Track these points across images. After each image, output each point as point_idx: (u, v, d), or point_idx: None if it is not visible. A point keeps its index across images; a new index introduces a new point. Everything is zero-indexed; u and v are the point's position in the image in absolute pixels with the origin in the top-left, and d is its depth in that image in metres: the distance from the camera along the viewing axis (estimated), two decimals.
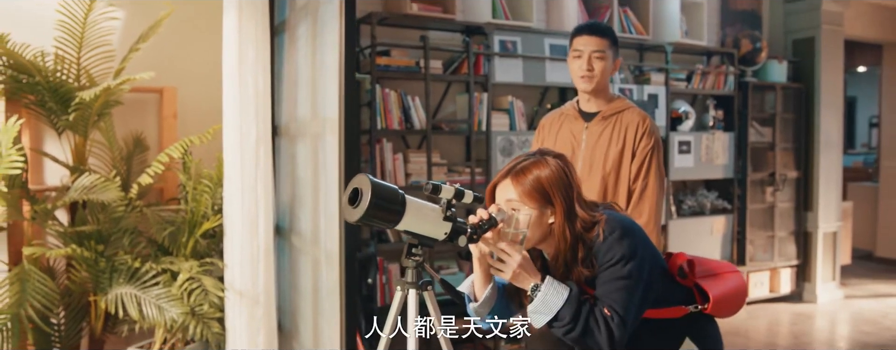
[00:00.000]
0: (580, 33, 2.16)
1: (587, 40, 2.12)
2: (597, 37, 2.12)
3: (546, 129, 2.30)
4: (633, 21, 4.42)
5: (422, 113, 3.65)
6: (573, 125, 2.21)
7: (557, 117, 2.28)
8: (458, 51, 3.79)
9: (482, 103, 3.79)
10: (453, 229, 1.35)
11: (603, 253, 1.46)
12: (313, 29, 2.42)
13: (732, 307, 1.67)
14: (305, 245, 2.62)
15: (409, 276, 1.40)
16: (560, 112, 2.30)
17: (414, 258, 1.38)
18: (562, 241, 1.48)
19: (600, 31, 2.14)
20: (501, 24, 3.87)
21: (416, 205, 1.32)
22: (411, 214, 1.29)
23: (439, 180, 1.38)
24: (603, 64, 2.12)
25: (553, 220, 1.50)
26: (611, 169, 2.14)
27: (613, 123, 2.17)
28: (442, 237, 1.35)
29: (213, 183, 2.83)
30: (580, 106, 2.23)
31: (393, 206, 1.27)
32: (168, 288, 2.62)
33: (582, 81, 2.14)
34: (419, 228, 1.33)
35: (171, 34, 3.06)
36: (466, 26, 3.84)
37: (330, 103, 2.23)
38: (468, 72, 3.75)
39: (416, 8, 3.63)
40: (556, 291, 1.45)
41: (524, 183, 1.48)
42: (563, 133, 2.22)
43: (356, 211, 1.25)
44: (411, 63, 3.63)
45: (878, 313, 4.99)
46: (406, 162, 3.63)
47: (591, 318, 1.43)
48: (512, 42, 3.91)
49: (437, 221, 1.34)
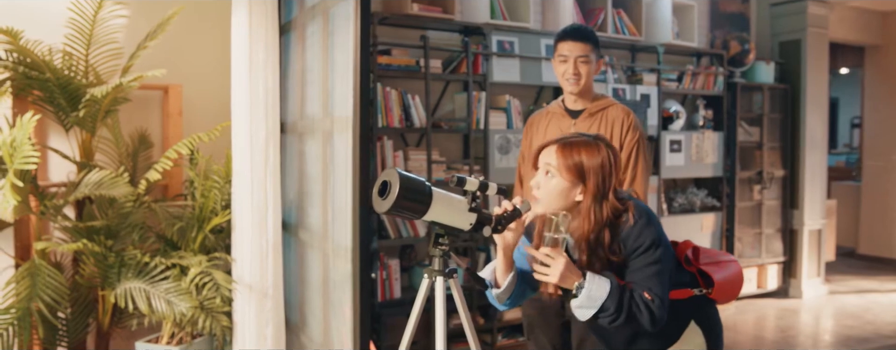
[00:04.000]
0: (565, 39, 2.26)
1: (572, 46, 2.22)
2: (581, 42, 2.23)
3: (534, 127, 2.39)
4: (627, 22, 4.51)
5: (421, 111, 3.71)
6: (561, 122, 2.30)
7: (545, 116, 2.37)
8: (457, 50, 3.86)
9: (480, 102, 3.87)
10: (478, 220, 1.43)
11: (633, 238, 1.54)
12: (325, 29, 2.48)
13: (732, 292, 1.77)
14: (315, 239, 2.68)
15: (436, 265, 1.47)
16: (547, 111, 2.39)
17: (441, 247, 1.45)
18: (587, 222, 1.54)
19: (584, 36, 2.24)
20: (499, 24, 3.95)
21: (443, 196, 1.39)
22: (438, 205, 1.36)
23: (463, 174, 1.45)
24: (588, 67, 2.24)
25: (581, 199, 1.56)
26: None
27: (599, 120, 2.28)
28: (467, 227, 1.42)
29: (221, 179, 2.88)
30: (566, 104, 2.33)
31: (420, 197, 1.34)
32: (177, 282, 2.66)
33: (569, 84, 2.26)
34: (445, 219, 1.40)
35: (177, 32, 3.10)
36: (465, 26, 3.91)
37: (341, 102, 2.28)
38: (467, 71, 3.82)
39: (417, 8, 3.69)
40: (598, 285, 1.51)
41: (568, 157, 1.55)
42: (551, 130, 2.31)
43: (385, 202, 1.32)
44: (412, 62, 3.70)
45: (861, 308, 5.14)
46: (406, 159, 3.69)
47: (633, 304, 1.51)
48: (509, 42, 3.98)
49: (462, 212, 1.41)
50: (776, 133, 5.41)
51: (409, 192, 1.32)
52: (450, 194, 1.42)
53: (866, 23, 6.54)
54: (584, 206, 1.55)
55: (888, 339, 4.35)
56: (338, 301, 2.42)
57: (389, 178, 1.33)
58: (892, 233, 6.72)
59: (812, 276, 5.52)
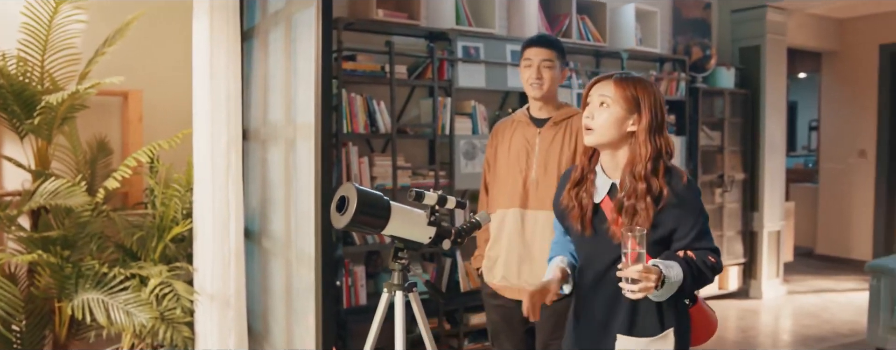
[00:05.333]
0: (530, 45, 2.31)
1: (536, 51, 2.27)
2: (545, 48, 2.27)
3: (499, 135, 2.41)
4: (591, 28, 4.57)
5: (387, 117, 3.71)
6: (526, 131, 2.33)
7: (510, 124, 2.40)
8: (423, 56, 3.86)
9: (446, 107, 3.88)
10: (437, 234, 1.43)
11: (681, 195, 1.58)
12: (287, 35, 2.46)
13: (701, 333, 1.76)
14: (277, 247, 2.66)
15: (395, 279, 1.47)
16: (512, 119, 2.42)
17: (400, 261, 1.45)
18: (643, 148, 1.60)
19: (548, 42, 2.30)
20: (465, 30, 3.96)
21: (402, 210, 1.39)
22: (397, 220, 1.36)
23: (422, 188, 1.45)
24: (551, 73, 2.27)
25: (635, 128, 1.62)
26: (565, 169, 2.26)
27: (564, 128, 2.30)
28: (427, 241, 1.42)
29: (182, 187, 2.84)
30: (531, 113, 2.36)
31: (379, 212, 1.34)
32: (137, 293, 2.61)
33: (532, 89, 2.28)
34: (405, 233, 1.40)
35: (137, 37, 3.05)
36: (430, 32, 3.91)
37: (304, 109, 2.27)
38: (432, 77, 3.83)
39: (382, 14, 3.69)
40: (673, 272, 1.52)
41: (625, 89, 1.62)
42: (516, 138, 2.33)
43: (343, 217, 1.32)
44: (377, 68, 3.69)
45: (818, 307, 5.27)
46: (371, 165, 3.68)
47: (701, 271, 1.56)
48: (475, 48, 4.00)
49: (421, 226, 1.41)
50: (737, 137, 5.52)
51: (367, 207, 1.32)
52: (409, 208, 1.42)
53: (823, 29, 6.72)
54: (639, 134, 1.61)
55: (845, 338, 4.47)
56: (301, 309, 2.40)
57: (347, 193, 1.33)
58: (849, 233, 6.91)
59: (771, 276, 5.65)
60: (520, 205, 2.26)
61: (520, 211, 2.26)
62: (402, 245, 1.44)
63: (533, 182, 2.26)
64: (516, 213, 2.25)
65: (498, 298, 2.29)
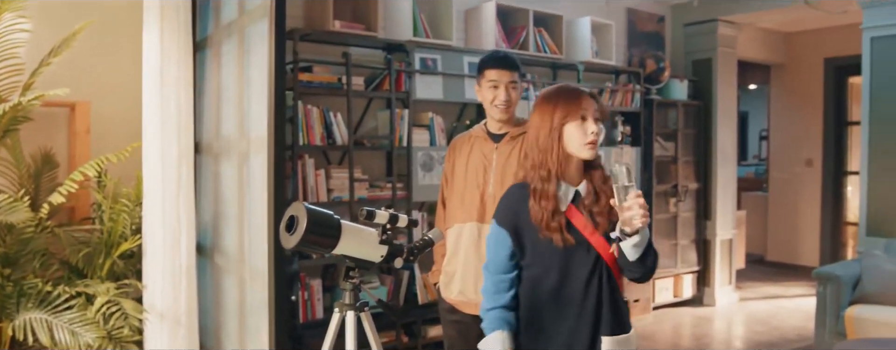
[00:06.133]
0: (494, 66, 2.28)
1: (501, 73, 2.26)
2: (509, 70, 2.26)
3: (457, 150, 2.41)
4: (548, 41, 4.62)
5: (344, 129, 3.68)
6: (483, 146, 2.33)
7: (467, 139, 2.40)
8: (380, 68, 3.85)
9: (403, 119, 3.87)
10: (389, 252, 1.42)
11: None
12: (241, 47, 2.43)
13: None
14: (230, 263, 2.60)
15: (346, 298, 1.45)
16: (469, 135, 2.42)
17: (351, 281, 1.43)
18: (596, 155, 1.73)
19: (512, 64, 2.29)
20: (422, 42, 3.97)
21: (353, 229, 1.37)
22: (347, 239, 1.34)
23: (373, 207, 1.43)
24: (516, 93, 2.29)
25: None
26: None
27: (521, 143, 2.28)
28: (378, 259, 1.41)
29: (131, 202, 2.76)
30: (488, 128, 2.36)
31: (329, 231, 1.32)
32: (83, 312, 2.53)
33: (498, 111, 2.28)
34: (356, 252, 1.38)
35: (85, 47, 2.96)
36: (388, 44, 3.91)
37: (257, 122, 2.24)
38: (389, 88, 3.82)
39: (339, 25, 3.67)
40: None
41: (599, 102, 1.73)
42: (474, 154, 2.33)
43: (293, 238, 1.29)
44: (333, 79, 3.67)
45: (769, 314, 5.40)
46: (328, 178, 3.65)
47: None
48: (432, 59, 4.01)
49: (373, 245, 1.40)
50: (690, 147, 5.64)
51: (317, 227, 1.30)
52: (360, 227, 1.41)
53: (771, 43, 6.94)
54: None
55: (793, 343, 4.59)
56: (255, 326, 2.36)
57: (296, 213, 1.31)
58: (797, 240, 7.11)
59: (724, 283, 5.77)
60: (477, 219, 2.25)
61: (477, 225, 2.25)
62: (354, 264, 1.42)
63: (490, 197, 2.26)
64: (473, 227, 2.25)
65: (455, 313, 2.28)
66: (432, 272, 2.42)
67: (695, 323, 5.21)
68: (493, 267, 1.75)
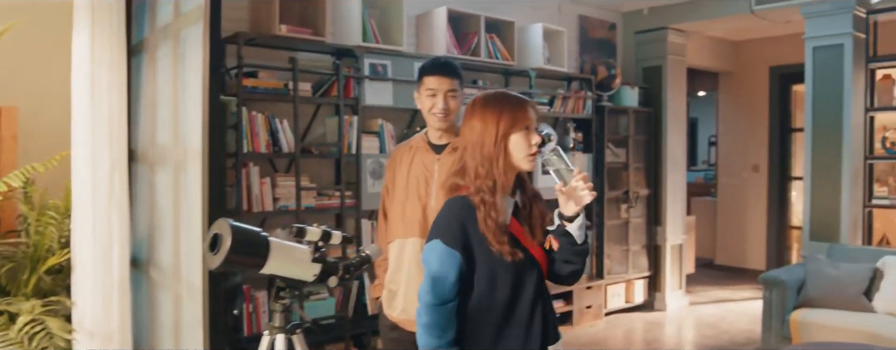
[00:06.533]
0: (433, 73, 2.20)
1: (440, 81, 2.18)
2: (450, 78, 2.18)
3: (398, 161, 2.32)
4: (500, 47, 4.60)
5: (290, 136, 3.58)
6: (425, 157, 2.25)
7: (408, 150, 2.31)
8: (328, 73, 3.76)
9: (352, 126, 3.79)
10: (323, 270, 1.34)
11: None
12: (176, 51, 2.32)
13: None
14: (166, 278, 2.48)
15: (276, 321, 1.37)
16: (410, 145, 2.33)
17: (281, 301, 1.35)
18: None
19: (452, 71, 2.20)
20: (372, 47, 3.90)
21: (283, 247, 1.29)
22: (277, 258, 1.26)
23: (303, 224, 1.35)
24: (456, 102, 2.20)
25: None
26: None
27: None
28: (311, 279, 1.33)
29: (59, 214, 2.61)
30: (430, 138, 2.28)
31: (256, 250, 1.24)
32: (4, 332, 2.37)
33: (436, 120, 2.21)
34: (286, 271, 1.30)
35: (12, 49, 2.80)
36: (337, 49, 3.83)
37: (193, 130, 2.14)
38: (338, 94, 3.73)
39: (285, 29, 3.57)
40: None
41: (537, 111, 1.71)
42: (415, 165, 2.25)
43: (216, 258, 1.21)
44: (279, 85, 3.57)
45: (717, 318, 5.48)
46: (274, 186, 3.54)
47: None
48: (382, 65, 3.94)
49: (305, 263, 1.32)
50: (641, 154, 5.69)
51: (242, 246, 1.21)
52: (291, 244, 1.33)
53: (720, 51, 7.08)
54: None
55: (741, 347, 4.66)
56: (191, 345, 2.24)
57: (220, 231, 1.22)
58: (744, 244, 7.26)
59: (675, 288, 5.84)
60: (419, 234, 2.17)
61: (419, 240, 2.17)
62: (284, 284, 1.34)
63: (433, 210, 2.18)
64: (416, 242, 2.17)
65: (396, 331, 2.20)
66: (374, 286, 2.34)
67: (646, 328, 5.24)
68: (437, 295, 1.57)
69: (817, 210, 4.77)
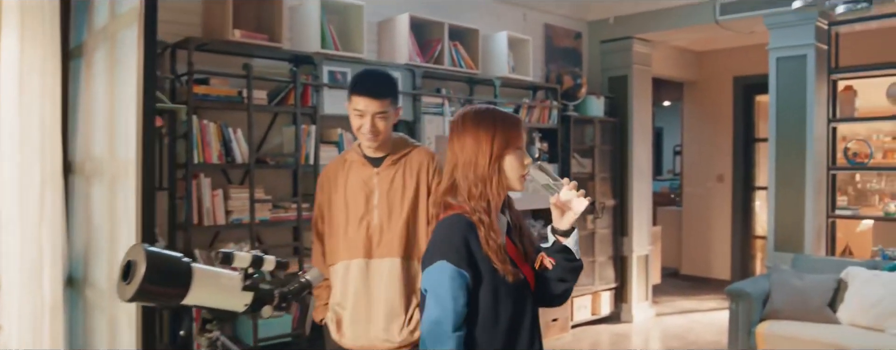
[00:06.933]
0: (360, 94, 2.03)
1: (368, 102, 2.01)
2: (379, 99, 2.02)
3: (332, 180, 2.16)
4: (463, 55, 4.50)
5: (244, 145, 3.42)
6: (362, 172, 2.12)
7: (341, 165, 2.17)
8: (285, 81, 3.62)
9: (310, 135, 3.65)
10: (256, 299, 1.21)
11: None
12: (112, 55, 2.16)
13: None
14: (101, 300, 2.31)
15: None
16: (343, 159, 2.18)
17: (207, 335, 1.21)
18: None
19: (381, 93, 2.03)
20: (331, 54, 3.77)
21: (208, 275, 1.15)
22: (201, 287, 1.12)
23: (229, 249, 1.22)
24: (386, 123, 2.05)
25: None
26: (410, 211, 2.08)
27: (403, 166, 2.12)
28: (242, 309, 1.19)
29: None
30: (364, 151, 2.14)
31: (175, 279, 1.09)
32: None
33: (366, 140, 2.07)
34: (213, 301, 1.16)
35: None
36: (294, 55, 3.69)
37: (128, 142, 1.98)
38: (295, 103, 3.59)
39: (239, 34, 3.42)
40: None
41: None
42: (353, 181, 2.11)
43: (128, 288, 1.06)
44: (233, 92, 3.41)
45: (684, 329, 5.44)
46: (227, 198, 3.38)
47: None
48: (341, 73, 3.81)
49: (234, 292, 1.18)
50: (607, 164, 5.64)
51: (159, 275, 1.07)
52: (219, 271, 1.19)
53: (685, 61, 7.10)
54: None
55: None
56: None
57: (134, 258, 1.08)
58: (709, 254, 7.27)
59: (641, 299, 5.79)
60: (364, 254, 2.06)
61: (364, 261, 2.06)
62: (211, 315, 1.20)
63: (376, 228, 2.07)
64: (361, 264, 2.06)
65: None
66: (317, 308, 2.20)
67: (613, 340, 5.17)
68: (455, 322, 1.45)
69: (782, 220, 4.76)
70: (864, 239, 5.40)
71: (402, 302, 2.05)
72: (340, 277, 2.09)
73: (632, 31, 5.59)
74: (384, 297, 2.05)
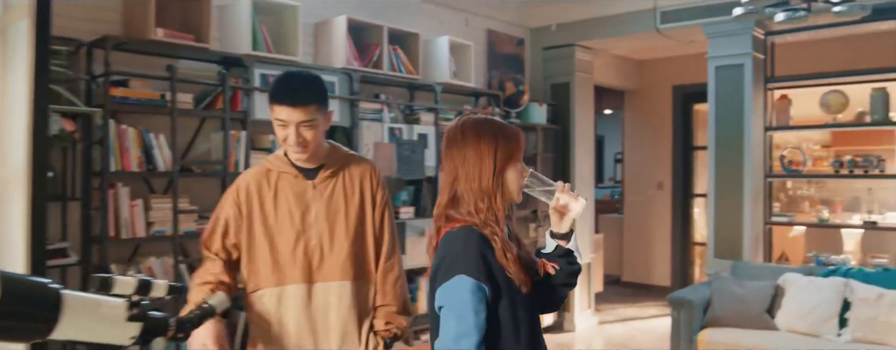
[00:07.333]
0: (280, 103, 1.79)
1: (290, 111, 1.77)
2: (301, 107, 1.77)
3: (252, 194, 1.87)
4: (403, 60, 4.37)
5: (167, 152, 3.20)
6: (294, 185, 1.87)
7: (264, 176, 1.89)
8: (213, 84, 3.42)
9: (240, 142, 3.45)
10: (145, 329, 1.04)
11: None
12: (2, 52, 1.94)
13: None
14: None
15: None
16: (267, 170, 1.91)
17: None
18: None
19: (304, 100, 1.77)
20: (263, 56, 3.58)
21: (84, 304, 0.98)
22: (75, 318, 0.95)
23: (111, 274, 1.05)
24: (314, 131, 1.81)
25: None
26: (356, 229, 1.90)
27: (343, 178, 1.92)
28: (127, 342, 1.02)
29: None
30: (294, 161, 1.89)
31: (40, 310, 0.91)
32: None
33: (294, 152, 1.85)
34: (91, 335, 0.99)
35: None
36: (223, 57, 3.49)
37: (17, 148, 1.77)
38: (223, 107, 3.39)
39: (162, 33, 3.20)
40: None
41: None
42: (283, 196, 1.86)
43: None
44: (155, 95, 3.19)
45: (626, 336, 5.42)
46: (147, 209, 3.15)
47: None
48: (274, 76, 3.62)
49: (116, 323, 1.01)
50: (549, 171, 5.59)
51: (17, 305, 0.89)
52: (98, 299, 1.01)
53: (625, 70, 7.16)
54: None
55: None
56: None
57: None
58: (650, 261, 7.33)
59: (584, 308, 5.75)
60: (303, 279, 1.84)
61: (304, 286, 1.84)
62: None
63: (315, 248, 1.86)
64: (299, 290, 1.84)
65: None
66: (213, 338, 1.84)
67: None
68: (477, 338, 1.37)
69: (721, 227, 4.79)
70: (797, 245, 5.51)
71: (356, 328, 1.88)
72: (271, 308, 1.85)
73: (574, 38, 5.57)
74: (336, 325, 1.86)
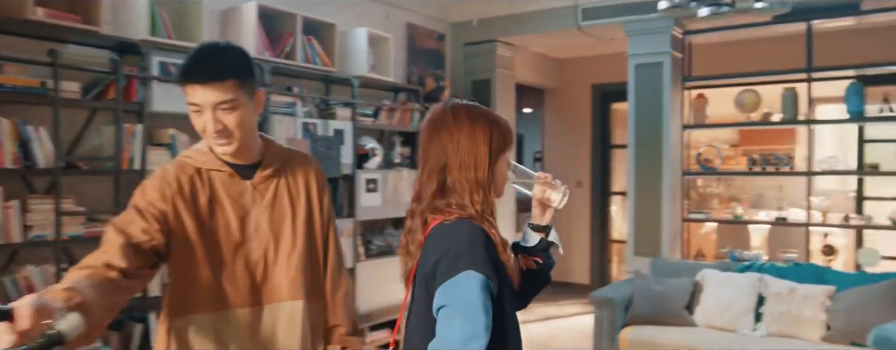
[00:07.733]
0: (188, 81, 1.41)
1: (203, 92, 1.40)
2: (216, 84, 1.40)
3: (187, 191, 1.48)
4: (319, 51, 4.14)
5: (49, 147, 2.86)
6: (230, 188, 1.52)
7: (183, 174, 1.50)
8: (104, 71, 3.08)
9: (135, 136, 3.13)
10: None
11: None
12: None
13: None
14: None
15: None
16: (194, 167, 1.51)
17: None
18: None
19: (217, 74, 1.40)
20: (162, 43, 3.27)
21: None
22: None
23: None
24: (238, 114, 1.44)
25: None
26: (305, 242, 1.59)
27: (286, 178, 1.60)
28: None
29: None
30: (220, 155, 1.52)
31: None
32: None
33: (218, 145, 1.48)
34: None
35: None
36: (118, 42, 3.17)
37: None
38: (116, 98, 3.06)
39: (43, 13, 2.86)
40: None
41: None
42: (219, 201, 1.51)
43: None
44: (34, 83, 2.84)
45: (548, 336, 5.38)
46: (25, 211, 2.80)
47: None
48: (175, 64, 3.31)
49: None
50: None
51: None
52: None
53: (545, 68, 7.15)
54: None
55: None
56: None
57: None
58: (569, 259, 7.35)
59: None
60: (247, 302, 1.51)
61: (248, 311, 1.51)
62: None
63: (258, 263, 1.53)
64: (242, 315, 1.50)
65: None
66: None
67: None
68: (485, 339, 1.19)
69: (641, 225, 4.82)
70: (709, 241, 5.64)
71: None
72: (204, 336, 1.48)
73: (495, 34, 5.48)
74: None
